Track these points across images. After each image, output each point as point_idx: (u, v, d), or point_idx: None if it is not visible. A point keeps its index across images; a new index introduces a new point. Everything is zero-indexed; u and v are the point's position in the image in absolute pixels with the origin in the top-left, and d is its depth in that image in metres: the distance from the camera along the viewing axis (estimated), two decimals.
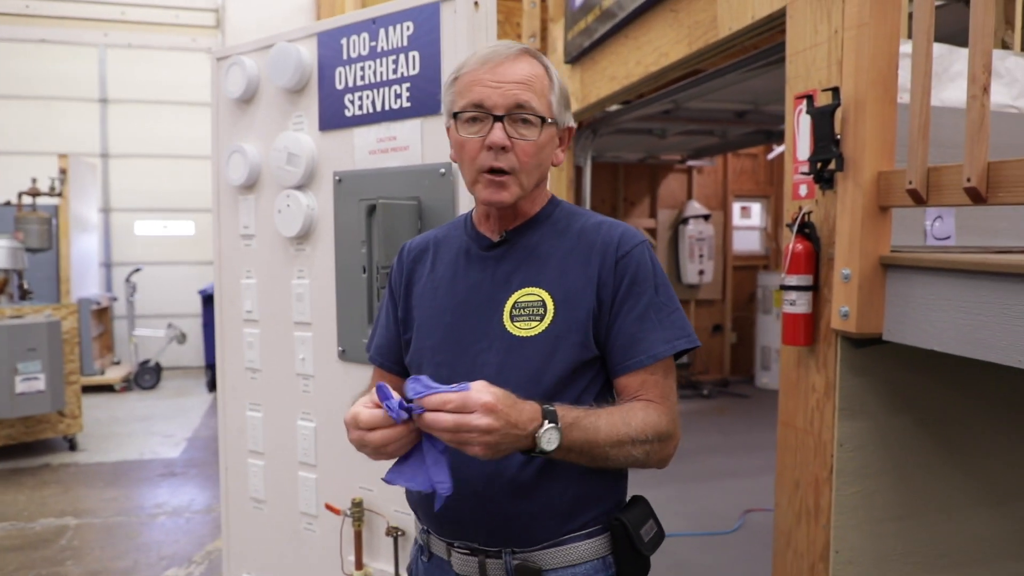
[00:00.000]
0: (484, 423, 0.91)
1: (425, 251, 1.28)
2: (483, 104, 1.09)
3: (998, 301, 1.47)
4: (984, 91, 1.44)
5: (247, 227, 2.09)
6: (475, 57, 1.12)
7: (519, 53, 1.11)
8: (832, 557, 1.99)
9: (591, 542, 1.14)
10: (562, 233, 1.18)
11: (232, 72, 2.03)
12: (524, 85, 1.09)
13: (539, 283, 1.14)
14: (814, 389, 2.05)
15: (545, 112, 1.11)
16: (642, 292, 1.13)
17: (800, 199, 2.09)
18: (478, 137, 1.10)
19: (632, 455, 1.07)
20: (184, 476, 4.53)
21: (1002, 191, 1.42)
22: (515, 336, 1.12)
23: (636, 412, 1.09)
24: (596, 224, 1.18)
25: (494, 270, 1.18)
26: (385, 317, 1.31)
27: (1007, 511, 2.15)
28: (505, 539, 1.12)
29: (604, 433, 1.04)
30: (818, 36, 2.00)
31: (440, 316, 1.19)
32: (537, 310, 1.12)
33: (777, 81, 3.84)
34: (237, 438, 2.17)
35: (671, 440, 1.12)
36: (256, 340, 2.10)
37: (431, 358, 1.19)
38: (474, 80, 1.10)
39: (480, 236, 1.21)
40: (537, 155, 1.12)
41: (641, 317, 1.12)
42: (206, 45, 8.16)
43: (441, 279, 1.22)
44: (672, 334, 1.13)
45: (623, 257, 1.14)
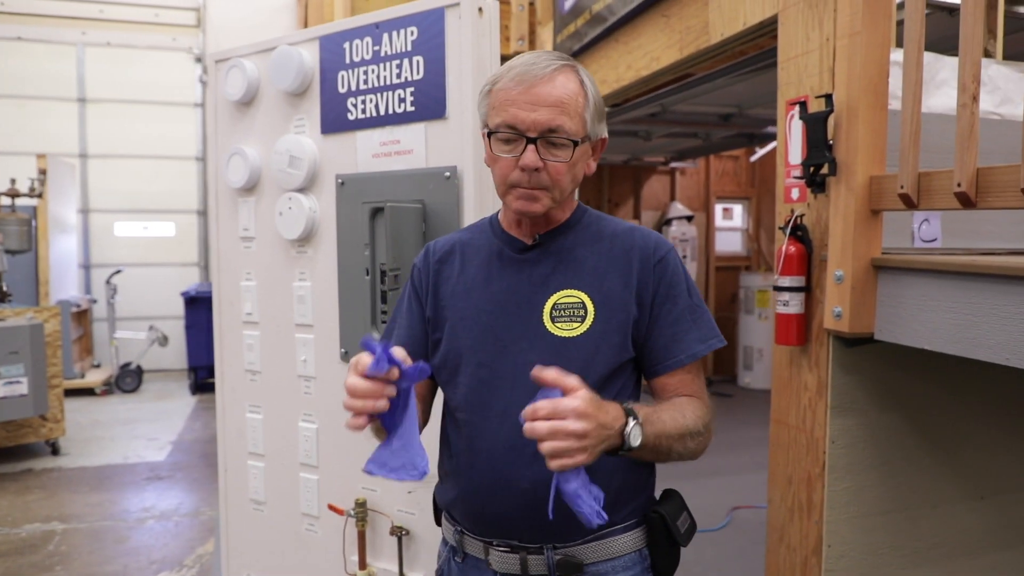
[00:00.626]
0: (579, 428, 0.92)
1: (451, 253, 1.29)
2: (516, 127, 1.10)
3: (988, 301, 1.53)
4: (974, 100, 1.49)
5: (247, 229, 2.10)
6: (512, 72, 1.12)
7: (555, 72, 1.11)
8: (825, 551, 2.04)
9: (629, 535, 1.19)
10: (595, 237, 1.22)
11: (232, 74, 2.04)
12: (558, 108, 1.10)
13: (577, 285, 1.17)
14: (806, 387, 2.10)
15: (579, 133, 1.13)
16: (678, 295, 1.18)
17: (792, 202, 2.14)
18: (511, 157, 1.12)
19: (688, 447, 1.11)
20: (171, 479, 4.49)
21: (991, 195, 1.48)
22: (558, 336, 1.15)
23: (686, 406, 1.14)
24: (628, 230, 1.23)
25: (530, 272, 1.20)
26: (408, 316, 1.31)
27: (989, 504, 2.22)
28: (547, 535, 1.15)
29: (670, 427, 1.08)
30: (810, 43, 2.05)
31: (477, 316, 1.20)
32: (578, 311, 1.15)
33: (762, 85, 3.92)
34: (236, 440, 2.18)
35: (711, 433, 1.18)
36: (256, 342, 2.10)
37: (470, 357, 1.20)
38: (508, 100, 1.11)
39: (512, 239, 1.23)
40: (569, 172, 1.15)
41: (678, 319, 1.18)
42: (187, 45, 8.10)
43: (474, 280, 1.23)
44: (706, 334, 1.19)
45: (659, 262, 1.19)
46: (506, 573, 1.17)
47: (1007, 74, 2.18)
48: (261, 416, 2.12)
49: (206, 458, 4.86)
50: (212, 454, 4.93)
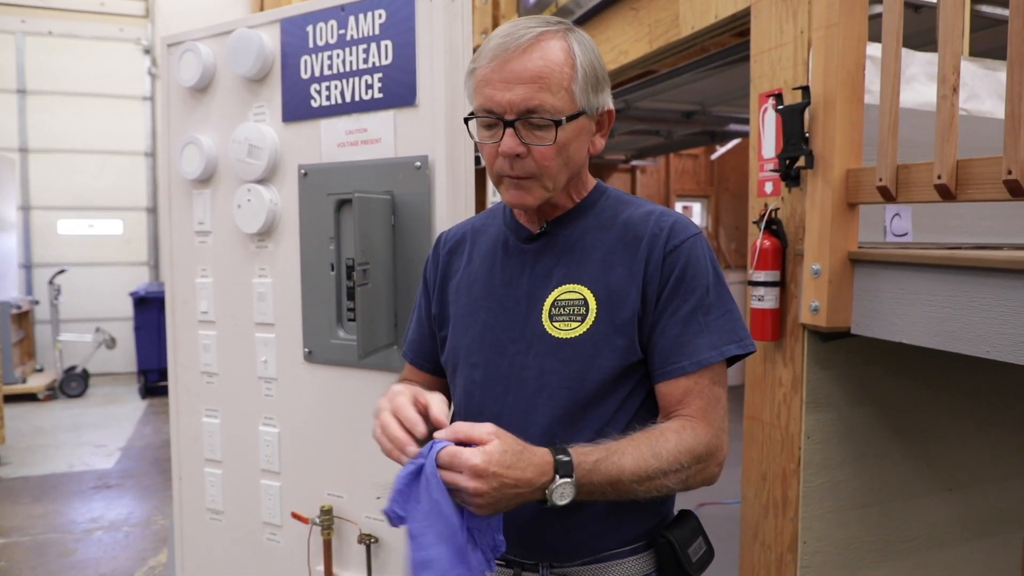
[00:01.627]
0: (471, 486, 0.86)
1: (462, 242, 1.20)
2: (493, 109, 0.99)
3: (965, 294, 1.52)
4: (954, 91, 1.48)
5: (202, 223, 1.99)
6: (488, 46, 1.01)
7: (533, 41, 0.98)
8: (800, 548, 2.03)
9: (634, 559, 1.08)
10: (608, 224, 1.08)
11: (185, 59, 1.92)
12: (536, 84, 0.97)
13: (580, 279, 1.05)
14: (781, 383, 2.08)
15: (564, 110, 0.99)
16: (691, 291, 1.03)
17: (765, 196, 2.12)
18: (493, 143, 1.01)
19: (666, 486, 0.98)
20: (120, 488, 4.30)
21: (970, 188, 1.47)
22: (554, 338, 1.04)
23: (668, 438, 0.98)
24: (645, 214, 1.08)
25: (533, 264, 1.09)
26: (418, 312, 1.25)
27: (958, 496, 2.24)
28: (544, 553, 1.06)
29: (630, 471, 0.94)
30: (783, 36, 2.03)
31: (476, 313, 1.12)
32: (578, 309, 1.04)
33: (726, 82, 3.92)
34: (192, 446, 2.06)
35: (712, 460, 1.02)
36: (213, 342, 1.99)
37: (465, 359, 1.12)
38: (484, 79, 1.00)
39: (519, 227, 1.13)
40: (558, 156, 1.01)
41: (687, 318, 1.02)
42: (135, 35, 7.80)
43: (477, 273, 1.15)
44: (721, 339, 1.02)
45: (673, 251, 1.03)
46: None
47: (974, 71, 2.20)
48: (218, 420, 2.00)
49: (157, 464, 4.67)
50: (164, 460, 4.74)
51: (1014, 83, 1.34)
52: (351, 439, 1.78)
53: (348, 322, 1.76)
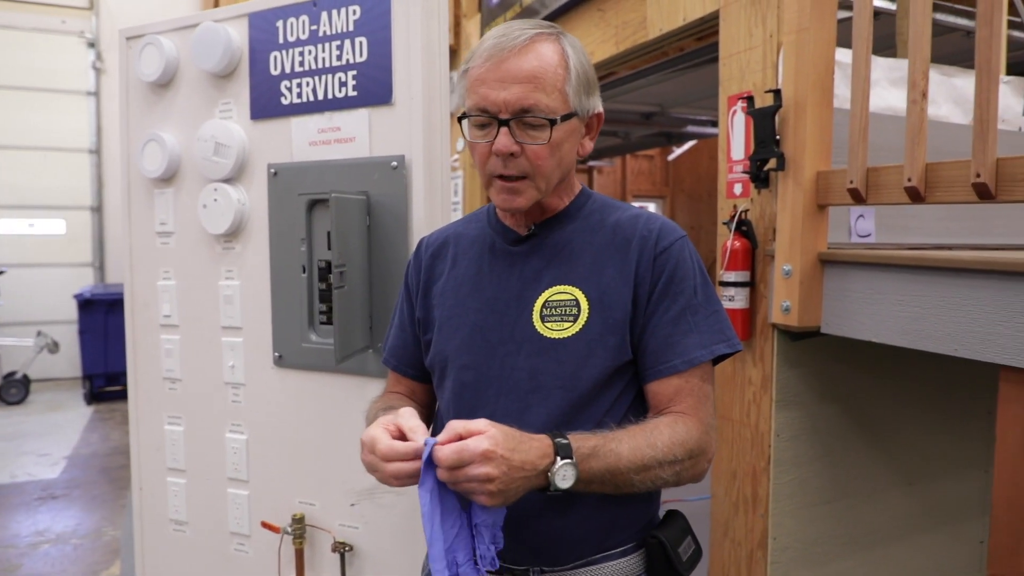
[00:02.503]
0: (482, 472, 0.86)
1: (444, 246, 1.20)
2: (487, 109, 1.00)
3: (935, 294, 1.56)
4: (923, 96, 1.52)
5: (164, 223, 1.91)
6: (483, 46, 1.01)
7: (527, 42, 0.99)
8: (770, 544, 2.06)
9: (625, 560, 1.08)
10: (596, 227, 1.10)
11: (147, 53, 1.85)
12: (531, 84, 0.98)
13: (571, 281, 1.06)
14: (751, 382, 2.11)
15: (558, 110, 1.00)
16: (680, 291, 1.05)
17: (735, 198, 2.14)
18: (486, 143, 1.01)
19: (660, 477, 0.99)
20: (67, 499, 4.12)
21: (939, 190, 1.51)
22: (546, 338, 1.04)
23: (662, 431, 1.00)
24: (633, 217, 1.10)
25: (522, 266, 1.09)
26: (399, 317, 1.23)
27: (918, 489, 2.31)
28: (534, 557, 1.05)
29: (627, 460, 0.96)
30: (753, 40, 2.06)
31: (464, 316, 1.11)
32: (570, 310, 1.04)
33: (686, 85, 3.97)
34: (153, 455, 1.98)
35: (703, 456, 1.03)
36: (176, 347, 1.92)
37: (455, 360, 1.11)
38: (478, 79, 1.00)
39: (506, 230, 1.13)
40: (552, 156, 1.02)
41: (677, 318, 1.04)
42: (78, 28, 7.50)
43: (464, 276, 1.14)
44: (710, 338, 1.05)
45: (662, 253, 1.05)
46: None
47: (932, 77, 2.26)
48: (182, 428, 1.93)
49: (106, 473, 4.49)
50: (113, 469, 4.58)
51: (982, 89, 1.38)
52: (324, 445, 1.73)
53: (320, 325, 1.72)
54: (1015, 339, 1.40)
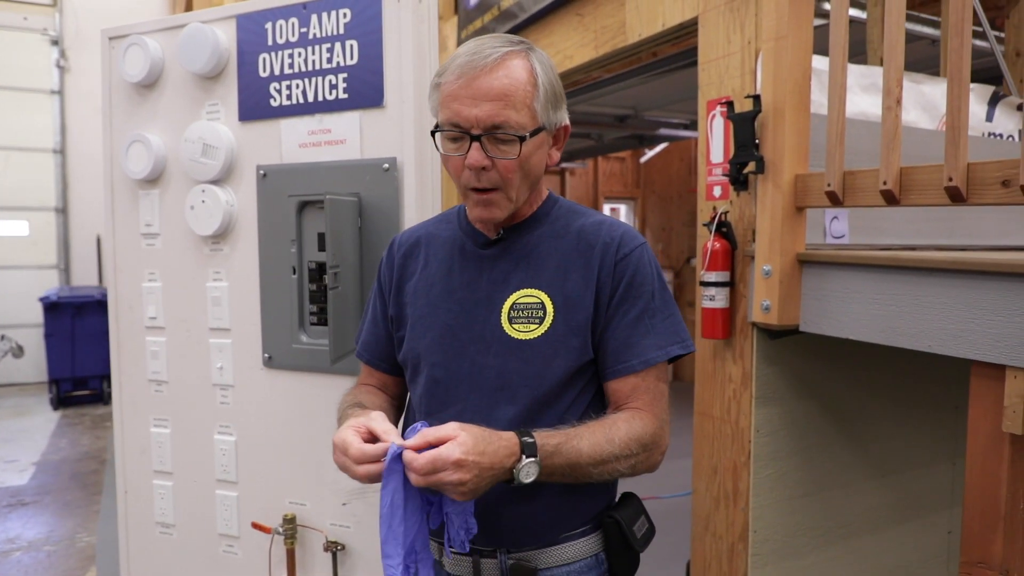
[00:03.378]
0: (455, 478, 0.92)
1: (416, 246, 1.24)
2: (459, 124, 1.04)
3: (909, 293, 1.63)
4: (897, 103, 1.58)
5: (150, 225, 1.90)
6: (455, 63, 1.05)
7: (500, 60, 1.04)
8: (751, 537, 2.11)
9: (585, 540, 1.15)
10: (561, 233, 1.16)
11: (131, 53, 1.84)
12: (501, 102, 1.03)
13: (538, 284, 1.12)
14: (731, 379, 2.17)
15: (527, 126, 1.06)
16: (639, 295, 1.12)
17: (714, 200, 2.20)
18: (459, 156, 1.06)
19: (617, 470, 1.07)
20: (38, 505, 4.04)
21: (913, 193, 1.57)
22: (514, 339, 1.10)
23: (619, 426, 1.07)
24: (596, 223, 1.16)
25: (491, 269, 1.15)
26: (373, 313, 1.27)
27: (890, 482, 2.39)
28: (500, 539, 1.11)
29: (587, 455, 1.03)
30: (731, 46, 2.11)
31: (434, 315, 1.16)
32: (536, 312, 1.10)
33: (660, 88, 4.04)
34: (139, 458, 1.97)
35: (657, 448, 1.11)
36: (162, 349, 1.91)
37: (427, 358, 1.15)
38: (451, 94, 1.04)
39: (476, 233, 1.18)
40: (522, 168, 1.08)
41: (635, 321, 1.11)
42: (41, 25, 7.34)
43: (436, 276, 1.18)
44: (666, 340, 1.12)
45: (623, 259, 1.12)
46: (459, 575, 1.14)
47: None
48: (168, 430, 1.92)
49: (77, 479, 4.41)
50: (84, 474, 4.50)
51: (953, 98, 1.45)
52: (315, 445, 1.74)
53: (311, 326, 1.73)
54: (985, 335, 1.46)
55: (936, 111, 2.48)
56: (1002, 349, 1.43)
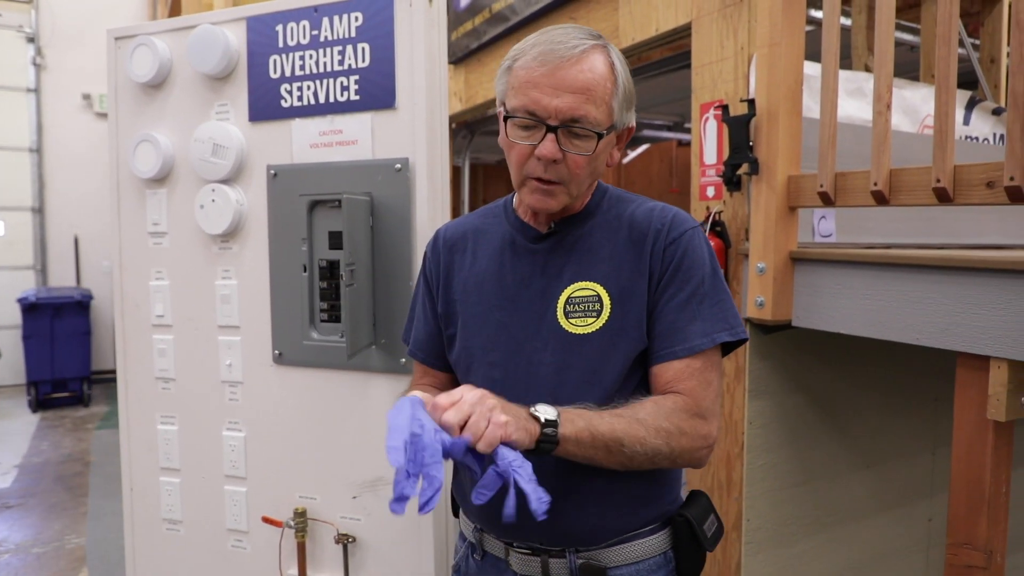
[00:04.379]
0: (488, 405, 0.90)
1: (463, 239, 1.22)
2: (536, 113, 1.02)
3: (897, 288, 1.71)
4: (888, 108, 1.66)
5: (157, 224, 1.92)
6: (536, 49, 1.02)
7: (584, 53, 1.01)
8: (744, 525, 2.19)
9: (653, 538, 1.13)
10: (613, 223, 1.13)
11: (139, 53, 1.85)
12: (583, 96, 1.00)
13: (592, 277, 1.10)
14: (725, 373, 2.24)
15: (604, 123, 1.04)
16: (687, 279, 1.08)
17: (707, 200, 2.27)
18: (528, 144, 1.04)
19: (654, 446, 1.00)
20: (22, 508, 4.00)
21: (902, 194, 1.66)
22: (572, 334, 1.08)
23: (645, 405, 1.03)
24: (647, 211, 1.13)
25: (544, 263, 1.12)
26: (422, 310, 1.26)
27: (875, 472, 2.48)
28: (569, 539, 1.10)
29: (608, 421, 0.98)
30: (724, 51, 2.19)
31: (489, 312, 1.14)
32: (593, 306, 1.08)
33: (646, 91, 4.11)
34: (145, 455, 1.98)
35: (696, 433, 1.04)
36: (169, 347, 1.93)
37: (482, 357, 1.14)
38: (530, 81, 1.01)
39: (526, 227, 1.16)
40: (590, 166, 1.06)
41: (682, 306, 1.07)
42: (16, 22, 7.22)
43: (486, 272, 1.17)
44: (713, 326, 1.06)
45: (672, 243, 1.09)
46: (526, 575, 1.13)
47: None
48: (176, 427, 1.94)
49: (62, 481, 4.37)
50: (69, 476, 4.45)
51: (941, 103, 1.53)
52: (325, 440, 1.77)
53: (322, 323, 1.76)
54: (971, 328, 1.55)
55: (916, 115, 2.58)
56: (986, 341, 1.52)
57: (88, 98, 7.37)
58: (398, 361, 1.67)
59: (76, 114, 7.37)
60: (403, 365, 1.66)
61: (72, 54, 7.21)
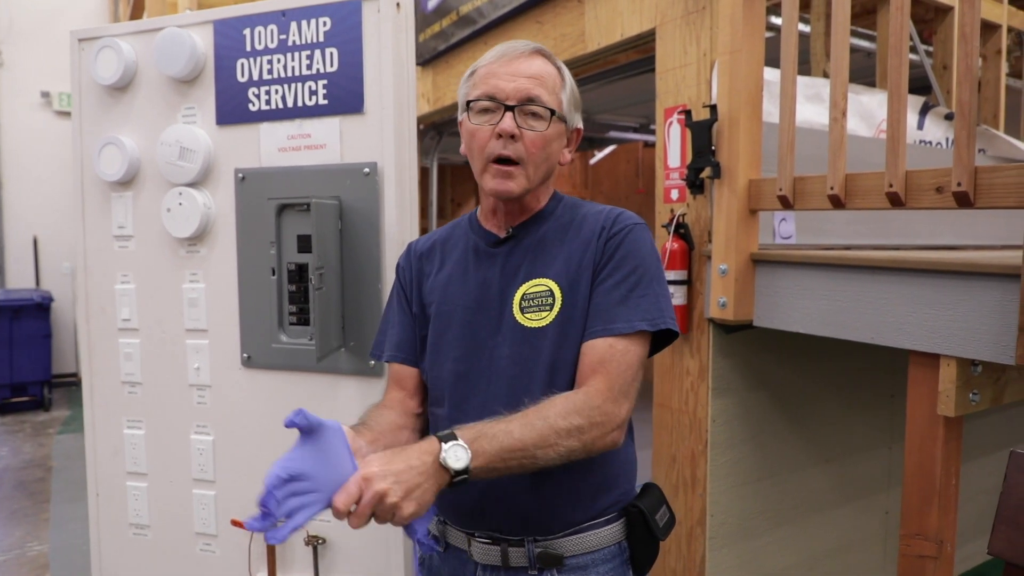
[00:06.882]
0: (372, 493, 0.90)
1: (432, 249, 1.31)
2: (495, 95, 1.14)
3: (853, 289, 1.77)
4: (843, 115, 1.72)
5: (123, 227, 1.90)
6: (493, 52, 1.19)
7: (534, 52, 1.18)
8: (708, 521, 2.24)
9: (609, 528, 1.19)
10: (566, 225, 1.22)
11: (104, 55, 1.84)
12: (536, 80, 1.15)
13: (545, 274, 1.18)
14: (688, 372, 2.29)
15: (555, 106, 1.16)
16: (619, 267, 1.14)
17: (671, 202, 2.32)
18: (489, 126, 1.15)
19: (566, 446, 1.04)
20: None
21: (857, 198, 1.72)
22: (527, 327, 1.15)
23: (555, 402, 1.05)
24: (597, 212, 1.23)
25: (503, 265, 1.21)
26: (399, 315, 1.31)
27: (834, 467, 2.56)
28: (527, 528, 1.16)
29: (519, 435, 1.01)
30: (687, 57, 2.24)
31: (454, 313, 1.22)
32: (546, 300, 1.16)
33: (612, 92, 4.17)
34: (111, 460, 1.97)
35: (610, 421, 1.08)
36: (136, 351, 1.91)
37: (448, 354, 1.21)
38: (489, 73, 1.16)
39: (487, 233, 1.25)
40: (545, 148, 1.16)
41: (611, 290, 1.14)
42: None
43: (451, 277, 1.25)
44: (636, 314, 1.11)
45: (613, 236, 1.17)
46: (487, 564, 1.18)
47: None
48: (143, 431, 1.93)
49: (23, 488, 4.28)
50: (30, 482, 4.37)
51: (893, 111, 1.59)
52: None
53: (291, 326, 1.77)
54: (922, 327, 1.61)
55: (872, 119, 2.66)
56: (936, 340, 1.58)
57: (47, 96, 7.21)
58: (367, 364, 1.68)
59: (35, 112, 7.21)
60: (372, 368, 1.67)
61: (31, 52, 7.05)
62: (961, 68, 1.45)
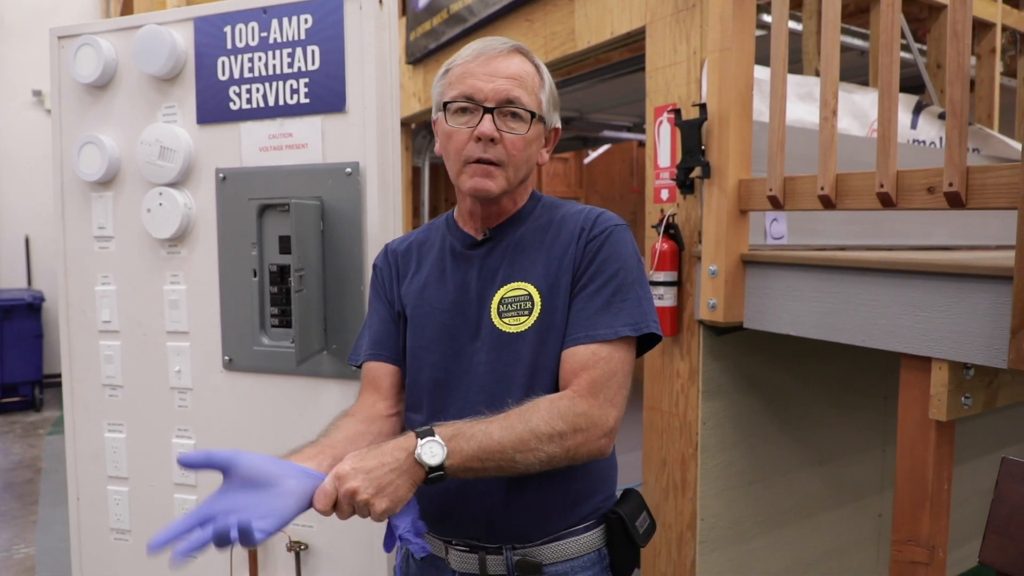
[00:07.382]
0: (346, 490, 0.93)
1: (409, 251, 1.28)
2: (474, 96, 1.10)
3: (845, 291, 1.74)
4: (834, 114, 1.69)
5: (103, 228, 1.87)
6: (468, 50, 1.14)
7: (512, 50, 1.14)
8: (699, 524, 2.22)
9: (588, 535, 1.16)
10: (545, 226, 1.19)
11: (83, 53, 1.81)
12: (516, 80, 1.11)
13: (524, 277, 1.14)
14: (679, 375, 2.27)
15: (535, 108, 1.13)
16: (601, 271, 1.11)
17: (662, 202, 2.29)
18: (467, 128, 1.11)
19: (546, 452, 1.01)
20: None
21: (848, 198, 1.69)
22: (506, 333, 1.12)
23: (539, 406, 1.03)
24: (576, 212, 1.19)
25: (480, 267, 1.18)
26: (379, 315, 1.28)
27: (826, 470, 2.54)
28: (506, 535, 1.13)
29: (499, 437, 0.99)
30: (677, 55, 2.21)
31: (431, 316, 1.19)
32: (524, 304, 1.13)
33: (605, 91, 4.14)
34: (92, 464, 1.94)
35: (596, 429, 1.05)
36: (116, 353, 1.88)
37: (426, 358, 1.18)
38: (466, 72, 1.12)
39: (464, 235, 1.22)
40: (525, 150, 1.13)
41: (592, 296, 1.10)
42: None
43: (428, 279, 1.22)
44: (618, 319, 1.08)
45: (593, 239, 1.14)
46: (465, 572, 1.15)
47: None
48: (124, 435, 1.90)
49: (11, 489, 4.24)
50: (18, 484, 4.33)
51: (884, 110, 1.57)
52: (276, 446, 1.73)
53: (272, 328, 1.74)
54: (913, 330, 1.59)
55: (866, 118, 2.64)
56: (928, 342, 1.56)
57: (39, 95, 7.15)
58: (349, 366, 1.65)
59: (26, 111, 7.16)
60: (354, 371, 1.64)
61: (22, 50, 6.99)
62: (953, 67, 1.42)
